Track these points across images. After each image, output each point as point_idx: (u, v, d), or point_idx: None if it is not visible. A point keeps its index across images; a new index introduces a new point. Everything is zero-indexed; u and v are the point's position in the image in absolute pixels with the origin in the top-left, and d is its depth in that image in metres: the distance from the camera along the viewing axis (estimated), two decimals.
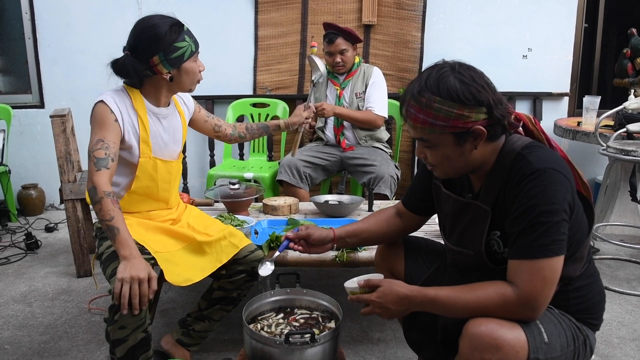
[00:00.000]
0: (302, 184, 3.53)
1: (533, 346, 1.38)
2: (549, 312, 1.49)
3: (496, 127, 1.45)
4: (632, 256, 3.57)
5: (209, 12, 4.45)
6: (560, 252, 1.38)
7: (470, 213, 1.57)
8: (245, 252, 2.13)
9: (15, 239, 3.94)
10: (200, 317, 2.23)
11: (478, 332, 1.37)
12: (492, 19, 4.51)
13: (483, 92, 1.40)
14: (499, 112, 1.42)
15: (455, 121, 1.40)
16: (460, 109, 1.39)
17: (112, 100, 2.01)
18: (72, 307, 2.89)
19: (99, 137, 1.93)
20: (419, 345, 1.84)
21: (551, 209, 1.36)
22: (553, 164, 1.39)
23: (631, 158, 3.04)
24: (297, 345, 1.72)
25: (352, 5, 4.41)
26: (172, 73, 2.01)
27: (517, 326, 1.39)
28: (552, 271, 1.37)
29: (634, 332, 2.62)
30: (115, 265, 1.84)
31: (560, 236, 1.37)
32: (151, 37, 1.94)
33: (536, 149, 1.45)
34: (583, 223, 1.51)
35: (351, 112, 3.61)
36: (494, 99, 1.42)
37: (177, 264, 2.04)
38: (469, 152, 1.46)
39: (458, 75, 1.40)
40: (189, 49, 1.99)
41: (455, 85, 1.39)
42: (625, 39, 4.18)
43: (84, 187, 3.21)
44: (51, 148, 3.43)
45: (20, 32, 4.59)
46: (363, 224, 1.92)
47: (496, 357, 1.35)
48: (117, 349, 1.83)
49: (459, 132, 1.42)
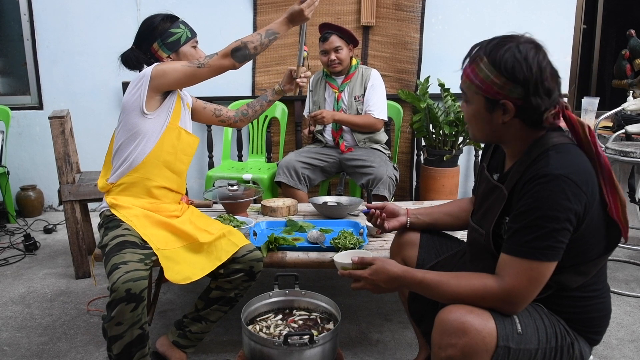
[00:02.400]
0: (300, 186, 3.52)
1: (503, 334, 1.40)
2: (533, 307, 1.51)
3: (530, 113, 1.45)
4: (630, 258, 3.57)
5: (207, 13, 4.45)
6: (553, 259, 1.39)
7: (495, 195, 1.59)
8: (243, 252, 2.14)
9: (13, 241, 3.94)
10: (197, 318, 2.23)
11: (447, 318, 1.42)
12: (490, 21, 4.52)
13: (527, 73, 1.41)
14: (537, 100, 1.43)
15: (489, 86, 1.45)
16: (497, 77, 1.43)
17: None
18: (70, 309, 2.89)
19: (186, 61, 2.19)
20: (420, 317, 1.89)
21: (553, 215, 1.36)
22: (571, 173, 1.37)
23: (630, 159, 3.04)
24: (295, 346, 1.73)
25: (351, 6, 4.42)
26: (172, 57, 2.21)
27: (487, 314, 1.42)
28: (539, 273, 1.40)
29: (633, 333, 2.62)
30: (115, 261, 1.87)
31: (556, 243, 1.38)
32: (148, 27, 2.21)
33: (565, 152, 1.43)
34: (596, 241, 1.48)
35: (351, 117, 3.61)
36: (538, 85, 1.42)
37: (178, 262, 2.06)
38: (496, 122, 1.49)
39: (515, 49, 1.43)
40: (184, 34, 2.22)
41: (505, 55, 1.42)
42: (624, 40, 4.19)
43: (82, 189, 3.21)
44: (50, 149, 3.43)
45: (19, 33, 4.59)
46: (436, 207, 2.04)
47: (462, 341, 1.38)
48: (114, 345, 1.85)
49: (491, 99, 1.46)
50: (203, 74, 2.10)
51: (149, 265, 1.94)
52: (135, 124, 2.13)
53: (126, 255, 1.90)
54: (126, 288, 1.78)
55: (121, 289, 1.78)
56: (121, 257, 1.88)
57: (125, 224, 2.08)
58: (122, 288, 1.78)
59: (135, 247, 1.97)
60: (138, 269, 1.85)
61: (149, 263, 1.95)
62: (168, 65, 2.12)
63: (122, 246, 1.95)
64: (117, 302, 1.78)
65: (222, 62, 2.10)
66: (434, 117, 3.99)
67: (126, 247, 1.95)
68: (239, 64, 2.11)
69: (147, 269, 1.91)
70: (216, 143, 4.59)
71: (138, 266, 1.87)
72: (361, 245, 2.32)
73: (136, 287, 1.80)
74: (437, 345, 1.44)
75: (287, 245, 2.36)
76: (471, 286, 1.44)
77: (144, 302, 1.85)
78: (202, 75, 2.11)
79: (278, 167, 3.60)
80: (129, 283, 1.79)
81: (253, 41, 2.11)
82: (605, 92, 5.11)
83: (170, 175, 2.24)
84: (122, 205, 2.14)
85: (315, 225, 2.68)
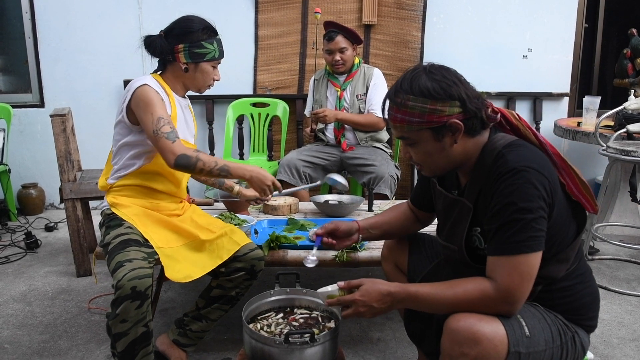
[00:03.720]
0: (301, 184, 3.52)
1: (513, 339, 1.40)
2: (533, 307, 1.52)
3: (473, 121, 1.49)
4: (632, 256, 3.57)
5: (209, 11, 4.40)
6: (537, 248, 1.40)
7: (457, 209, 1.60)
8: (245, 250, 2.14)
9: (15, 238, 3.94)
10: (197, 316, 2.23)
11: (457, 327, 1.40)
12: (492, 19, 4.51)
13: (454, 87, 1.45)
14: (473, 105, 1.47)
15: (429, 116, 1.46)
16: (433, 104, 1.45)
17: (153, 82, 2.12)
18: (71, 307, 2.89)
19: (158, 115, 2.01)
20: (420, 338, 1.87)
21: (526, 206, 1.38)
22: (530, 163, 1.41)
23: (631, 158, 3.03)
24: (296, 345, 1.72)
25: (353, 5, 4.42)
26: (189, 66, 2.16)
27: (497, 320, 1.41)
28: (528, 266, 1.40)
29: (634, 332, 2.62)
30: (120, 259, 1.87)
31: (536, 232, 1.40)
32: (185, 27, 2.15)
33: (517, 147, 1.47)
34: (568, 225, 1.52)
35: (353, 116, 3.60)
36: (467, 93, 1.47)
37: (179, 260, 2.06)
38: (449, 146, 1.51)
39: (429, 75, 1.47)
40: (213, 53, 2.18)
41: (426, 83, 1.45)
42: (625, 39, 4.18)
43: (84, 187, 3.22)
44: (51, 147, 3.43)
45: (21, 31, 4.59)
46: (383, 217, 2.00)
47: (475, 351, 1.37)
48: (118, 342, 1.85)
49: (436, 127, 1.47)
50: (155, 143, 2.01)
51: (152, 264, 1.93)
52: (126, 134, 2.14)
53: (130, 253, 1.90)
54: (132, 285, 1.78)
55: (127, 287, 1.78)
56: (125, 255, 1.88)
57: (127, 223, 2.08)
58: (128, 285, 1.78)
59: (138, 245, 1.97)
60: (143, 267, 1.85)
61: (152, 261, 1.95)
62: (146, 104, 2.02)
63: (126, 244, 1.95)
64: (122, 300, 1.78)
65: (168, 152, 1.98)
66: None
67: (130, 245, 1.95)
68: (175, 167, 1.99)
69: (151, 267, 1.91)
70: (217, 141, 4.59)
71: (143, 264, 1.86)
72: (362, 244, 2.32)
73: (142, 284, 1.80)
74: (448, 354, 1.43)
75: (289, 243, 2.36)
76: (467, 294, 1.43)
77: (149, 299, 1.85)
78: (154, 144, 2.02)
79: (279, 166, 3.60)
80: (135, 281, 1.79)
81: (205, 162, 2.01)
82: (607, 91, 5.10)
83: (169, 183, 2.24)
84: (123, 204, 2.14)
85: (317, 223, 2.68)
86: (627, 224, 3.77)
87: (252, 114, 4.42)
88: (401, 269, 1.98)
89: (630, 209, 3.84)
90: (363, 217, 2.82)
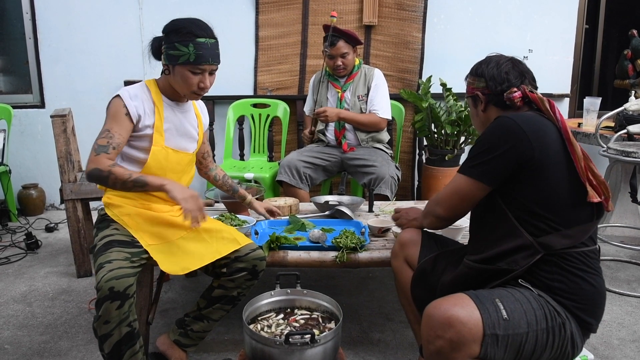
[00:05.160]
0: (302, 185, 3.52)
1: (488, 322, 1.48)
2: (519, 291, 1.58)
3: (496, 95, 1.79)
4: (632, 257, 3.57)
5: (209, 12, 4.45)
6: (481, 179, 1.66)
7: None
8: (246, 250, 2.14)
9: (15, 239, 3.94)
10: (199, 316, 2.23)
11: (432, 312, 1.52)
12: (492, 20, 4.51)
13: (486, 69, 1.81)
14: (496, 86, 1.78)
15: (468, 87, 1.89)
16: (470, 79, 1.89)
17: (127, 94, 2.09)
18: (72, 307, 2.89)
19: (106, 127, 2.04)
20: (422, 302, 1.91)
21: (491, 143, 1.64)
22: (519, 120, 1.63)
23: (632, 159, 3.03)
24: (297, 345, 1.73)
25: (353, 5, 4.42)
26: (168, 68, 2.09)
27: (471, 304, 1.51)
28: (464, 187, 1.71)
29: (634, 333, 2.62)
30: (101, 260, 1.88)
31: (489, 168, 1.64)
32: (168, 28, 2.09)
33: (520, 114, 1.70)
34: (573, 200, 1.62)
35: (356, 115, 3.61)
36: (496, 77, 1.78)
37: (174, 253, 2.06)
38: (480, 112, 1.86)
39: (486, 59, 1.86)
40: (187, 56, 2.01)
41: (478, 64, 1.86)
42: (626, 40, 4.18)
43: (84, 187, 3.22)
44: (52, 148, 3.43)
45: (21, 31, 4.59)
46: None
47: (449, 334, 1.47)
48: (104, 344, 1.86)
49: (470, 96, 1.88)
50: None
51: (137, 264, 1.94)
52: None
53: (112, 254, 1.91)
54: (109, 286, 1.79)
55: (105, 288, 1.79)
56: (107, 257, 1.89)
57: (115, 224, 2.09)
58: (106, 287, 1.79)
59: (123, 245, 1.97)
60: (122, 267, 1.85)
61: (137, 261, 1.95)
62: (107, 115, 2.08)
63: (109, 246, 1.96)
64: (102, 301, 1.80)
65: (88, 163, 1.96)
66: (436, 117, 3.99)
67: (113, 246, 1.96)
68: (88, 178, 1.97)
69: (134, 267, 1.91)
70: (218, 142, 4.59)
71: (123, 264, 1.87)
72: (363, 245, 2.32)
73: (119, 284, 1.80)
74: (426, 339, 1.52)
75: (289, 244, 2.36)
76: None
77: (131, 299, 1.85)
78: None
79: (280, 166, 3.60)
80: (112, 281, 1.80)
81: (118, 176, 1.92)
82: (607, 92, 5.10)
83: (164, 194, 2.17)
84: (115, 204, 2.13)
85: (317, 224, 2.68)
86: (628, 225, 3.77)
87: (253, 114, 4.42)
88: (410, 263, 2.04)
89: (631, 210, 3.84)
90: (363, 218, 2.82)
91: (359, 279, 3.22)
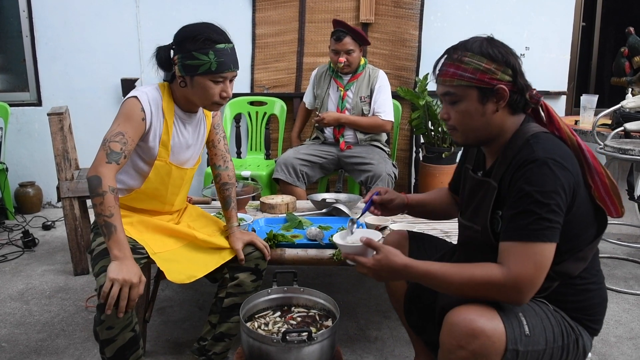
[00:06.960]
0: (298, 182, 3.52)
1: (511, 337, 1.40)
2: (538, 306, 1.52)
3: (518, 96, 1.53)
4: (629, 255, 3.57)
5: (206, 10, 4.44)
6: (552, 239, 1.40)
7: (483, 190, 1.61)
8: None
9: (12, 237, 3.94)
10: (218, 337, 2.15)
11: (457, 321, 1.41)
12: (489, 18, 4.51)
13: (511, 57, 1.52)
14: (523, 81, 1.52)
15: (482, 74, 1.49)
16: (489, 64, 1.49)
17: (146, 99, 1.96)
18: (69, 305, 2.89)
19: (122, 129, 1.89)
20: (420, 329, 1.89)
21: (547, 196, 1.38)
22: (555, 155, 1.42)
23: (629, 157, 3.04)
24: (294, 343, 1.72)
25: (350, 3, 4.41)
26: (186, 80, 1.94)
27: (497, 317, 1.41)
28: (542, 256, 1.39)
29: (631, 330, 2.62)
30: (104, 263, 1.82)
31: (553, 223, 1.39)
32: (183, 35, 1.92)
33: (545, 139, 1.48)
34: (588, 224, 1.52)
35: (357, 119, 3.60)
36: (520, 69, 1.53)
37: (179, 261, 2.02)
38: (490, 113, 1.53)
39: (491, 42, 1.53)
40: (208, 65, 1.88)
41: (487, 44, 1.52)
42: (622, 37, 4.19)
43: (81, 185, 3.21)
44: (49, 146, 3.42)
45: (18, 30, 4.57)
46: (429, 196, 2.08)
47: (472, 346, 1.38)
48: (107, 349, 1.81)
49: (484, 88, 1.50)
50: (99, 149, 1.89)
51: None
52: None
53: None
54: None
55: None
56: (107, 261, 1.80)
57: None
58: None
59: None
60: None
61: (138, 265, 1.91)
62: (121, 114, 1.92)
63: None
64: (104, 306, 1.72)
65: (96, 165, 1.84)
66: (432, 115, 3.99)
67: None
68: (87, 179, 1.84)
69: None
70: None
71: None
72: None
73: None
74: (446, 349, 1.44)
75: (286, 242, 2.36)
76: (475, 276, 1.42)
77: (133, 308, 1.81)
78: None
79: (276, 164, 3.60)
80: None
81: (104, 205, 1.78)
82: (604, 89, 5.12)
83: (161, 205, 2.16)
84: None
85: (314, 222, 2.68)
86: (625, 223, 3.78)
87: (250, 112, 4.42)
88: None
89: (628, 207, 3.84)
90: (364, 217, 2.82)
91: (356, 276, 3.22)
